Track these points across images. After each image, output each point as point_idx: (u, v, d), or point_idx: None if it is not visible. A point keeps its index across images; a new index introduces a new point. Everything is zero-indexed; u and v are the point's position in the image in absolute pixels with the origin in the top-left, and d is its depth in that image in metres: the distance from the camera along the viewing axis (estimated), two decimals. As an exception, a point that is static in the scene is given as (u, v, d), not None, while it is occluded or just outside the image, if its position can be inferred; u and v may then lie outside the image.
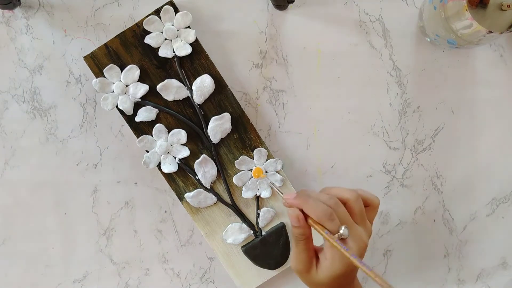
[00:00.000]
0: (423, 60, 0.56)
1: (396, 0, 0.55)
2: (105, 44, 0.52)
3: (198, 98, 0.53)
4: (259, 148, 0.54)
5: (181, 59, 0.53)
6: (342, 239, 0.41)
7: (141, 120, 0.53)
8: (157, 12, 0.52)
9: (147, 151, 0.54)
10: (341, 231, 0.40)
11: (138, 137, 0.53)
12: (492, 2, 0.45)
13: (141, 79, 0.53)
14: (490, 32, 0.44)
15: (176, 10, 0.52)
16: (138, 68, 0.53)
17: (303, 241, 0.42)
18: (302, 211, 0.43)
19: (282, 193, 0.46)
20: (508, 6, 0.44)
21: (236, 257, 0.55)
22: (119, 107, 0.53)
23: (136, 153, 0.56)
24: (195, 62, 0.53)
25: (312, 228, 0.43)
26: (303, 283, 0.44)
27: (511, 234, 0.58)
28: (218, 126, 0.53)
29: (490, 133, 0.57)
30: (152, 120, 0.53)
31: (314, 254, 0.43)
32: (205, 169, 0.54)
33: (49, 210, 0.57)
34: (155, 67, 0.53)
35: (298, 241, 0.43)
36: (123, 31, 0.52)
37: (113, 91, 0.53)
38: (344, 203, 0.43)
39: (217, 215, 0.55)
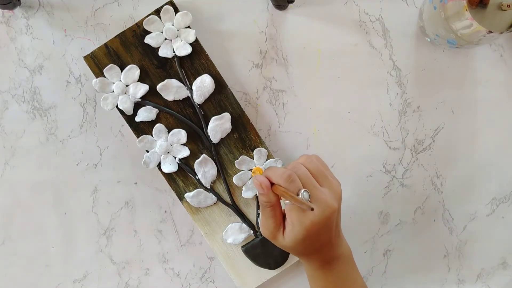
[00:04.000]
0: (423, 60, 0.56)
1: (396, 0, 0.55)
2: (105, 44, 0.52)
3: (198, 98, 0.53)
4: (259, 148, 0.54)
5: (181, 59, 0.53)
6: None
7: (141, 120, 0.53)
8: (157, 12, 0.52)
9: (147, 151, 0.54)
10: (299, 195, 0.40)
11: (138, 137, 0.53)
12: (492, 2, 0.45)
13: (141, 79, 0.53)
14: (490, 32, 0.44)
15: (176, 10, 0.52)
16: (138, 68, 0.53)
17: (269, 208, 0.43)
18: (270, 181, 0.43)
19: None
20: (508, 6, 0.44)
21: (236, 257, 0.55)
22: (119, 107, 0.53)
23: (136, 153, 0.56)
24: (195, 62, 0.53)
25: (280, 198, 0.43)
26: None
27: (511, 234, 0.58)
28: (218, 126, 0.53)
29: (490, 133, 0.57)
30: (152, 120, 0.53)
31: (281, 220, 0.44)
32: (205, 169, 0.54)
33: (49, 210, 0.57)
34: (155, 67, 0.53)
35: (264, 208, 0.43)
36: (123, 31, 0.52)
37: (113, 91, 0.53)
38: None
39: (217, 215, 0.55)
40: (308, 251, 0.44)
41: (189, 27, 0.53)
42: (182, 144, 0.54)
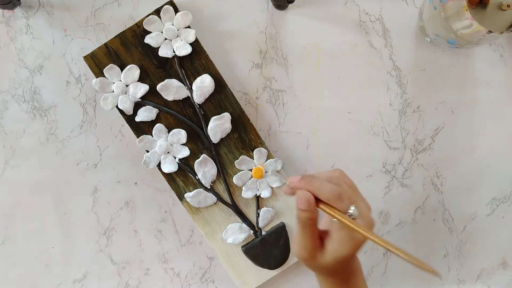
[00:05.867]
0: (423, 60, 0.56)
1: (396, 0, 0.55)
2: (105, 44, 0.52)
3: (198, 98, 0.53)
4: (259, 148, 0.54)
5: (181, 59, 0.53)
6: (353, 219, 0.39)
7: (141, 120, 0.53)
8: (157, 12, 0.52)
9: (147, 151, 0.54)
10: (351, 211, 0.39)
11: (138, 137, 0.53)
12: (492, 2, 0.45)
13: (141, 79, 0.53)
14: (490, 32, 0.44)
15: (176, 10, 0.52)
16: (138, 68, 0.53)
17: (310, 227, 0.40)
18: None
19: (285, 176, 0.45)
20: (508, 6, 0.44)
21: (236, 257, 0.55)
22: (119, 107, 0.53)
23: (136, 153, 0.56)
24: (195, 62, 0.53)
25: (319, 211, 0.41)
26: (307, 268, 0.43)
27: (511, 234, 0.58)
28: (218, 126, 0.53)
29: (490, 133, 0.57)
30: (152, 120, 0.53)
31: (319, 239, 0.41)
32: (205, 169, 0.54)
33: (49, 210, 0.57)
34: (155, 67, 0.53)
35: (305, 227, 0.40)
36: (123, 31, 0.52)
37: (113, 91, 0.53)
38: None
39: (217, 215, 0.55)
40: (341, 269, 0.42)
41: (189, 27, 0.53)
42: (182, 144, 0.54)
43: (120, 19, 0.55)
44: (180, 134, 0.54)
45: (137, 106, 0.53)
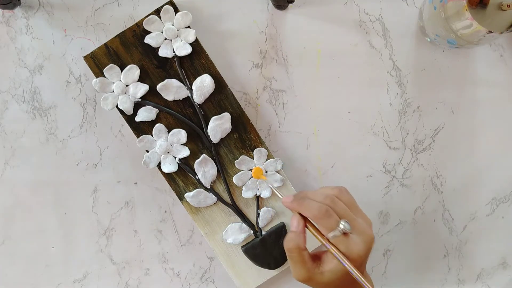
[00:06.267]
0: (423, 60, 0.56)
1: (396, 0, 0.55)
2: (105, 44, 0.52)
3: (198, 98, 0.53)
4: (259, 148, 0.54)
5: (181, 59, 0.53)
6: (345, 234, 0.41)
7: (141, 120, 0.53)
8: (157, 12, 0.52)
9: (147, 151, 0.54)
10: (341, 226, 0.40)
11: (138, 137, 0.53)
12: (492, 2, 0.45)
13: (141, 79, 0.53)
14: (490, 32, 0.44)
15: (176, 10, 0.52)
16: (138, 68, 0.53)
17: (296, 254, 0.42)
18: (300, 215, 0.44)
19: (282, 196, 0.47)
20: (508, 6, 0.44)
21: (236, 257, 0.55)
22: (119, 107, 0.53)
23: (136, 153, 0.56)
24: (195, 62, 0.53)
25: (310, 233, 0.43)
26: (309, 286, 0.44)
27: (511, 234, 0.58)
28: (218, 126, 0.53)
29: (490, 133, 0.57)
30: (152, 120, 0.53)
31: (312, 259, 0.43)
32: (205, 169, 0.54)
33: (49, 210, 0.57)
34: (155, 67, 0.53)
35: (291, 254, 0.42)
36: (123, 31, 0.52)
37: (113, 91, 0.53)
38: None
39: (217, 215, 0.55)
40: (342, 283, 0.43)
41: (189, 27, 0.53)
42: (182, 144, 0.54)
43: (120, 19, 0.55)
44: (180, 134, 0.54)
45: (137, 106, 0.53)
